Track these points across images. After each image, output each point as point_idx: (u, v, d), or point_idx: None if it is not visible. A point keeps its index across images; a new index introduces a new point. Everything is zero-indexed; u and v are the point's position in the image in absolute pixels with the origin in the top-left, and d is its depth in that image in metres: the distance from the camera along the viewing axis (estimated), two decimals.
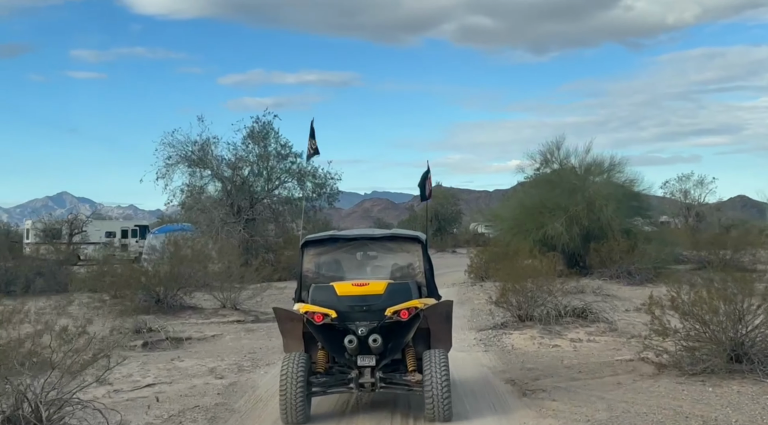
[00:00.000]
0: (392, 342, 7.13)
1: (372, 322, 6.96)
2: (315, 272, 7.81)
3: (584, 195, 24.18)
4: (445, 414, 6.85)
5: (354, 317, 7.01)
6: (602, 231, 23.44)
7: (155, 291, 15.35)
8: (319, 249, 7.96)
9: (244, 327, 14.03)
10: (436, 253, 45.78)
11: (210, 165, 27.58)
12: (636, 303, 17.37)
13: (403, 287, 7.28)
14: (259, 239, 26.82)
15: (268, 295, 18.85)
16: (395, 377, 7.18)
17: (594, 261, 23.20)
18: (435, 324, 7.44)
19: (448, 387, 6.87)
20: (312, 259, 7.90)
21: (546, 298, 13.20)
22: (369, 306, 7.02)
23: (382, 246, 8.06)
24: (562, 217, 23.50)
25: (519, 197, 26.95)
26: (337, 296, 7.08)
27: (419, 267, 7.86)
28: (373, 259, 8.11)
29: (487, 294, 19.21)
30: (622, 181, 24.52)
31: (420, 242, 8.00)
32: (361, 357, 7.05)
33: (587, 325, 12.84)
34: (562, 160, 24.99)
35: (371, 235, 8.16)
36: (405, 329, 7.13)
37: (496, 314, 14.36)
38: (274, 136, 28.46)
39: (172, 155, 27.58)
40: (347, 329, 6.98)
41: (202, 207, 27.14)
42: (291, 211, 28.93)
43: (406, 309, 7.02)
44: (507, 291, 13.40)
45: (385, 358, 7.14)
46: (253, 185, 28.30)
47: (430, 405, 6.84)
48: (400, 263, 7.92)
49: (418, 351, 7.36)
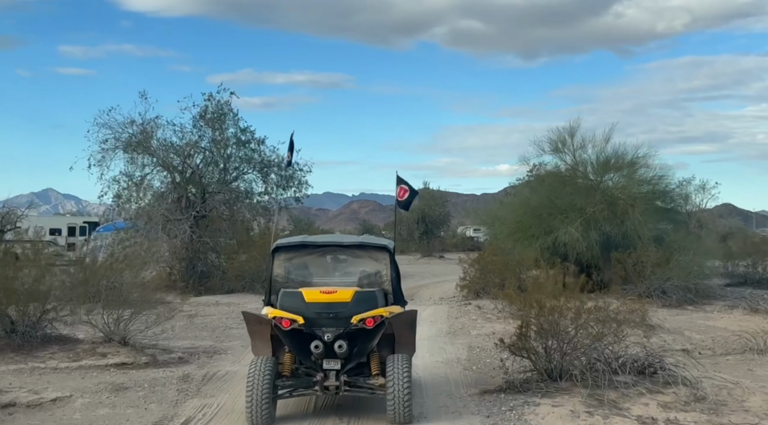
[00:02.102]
0: (357, 347, 7.18)
1: (338, 329, 7.02)
2: (284, 277, 7.85)
3: (604, 193, 19.23)
4: (405, 416, 6.90)
5: (321, 323, 7.05)
6: (627, 238, 18.50)
7: (5, 315, 10.20)
8: (289, 254, 7.99)
9: (119, 381, 8.81)
10: (423, 259, 40.69)
11: (153, 151, 22.42)
12: (692, 337, 12.45)
13: (369, 295, 7.32)
14: (208, 241, 21.66)
15: (199, 318, 13.77)
16: (359, 380, 7.21)
17: (616, 276, 18.25)
18: (399, 330, 7.46)
19: (410, 390, 6.92)
20: (282, 264, 7.92)
21: (586, 342, 8.20)
22: (336, 314, 7.06)
23: (351, 254, 8.17)
24: (577, 220, 18.53)
25: (523, 195, 21.98)
26: (305, 303, 7.10)
27: (386, 275, 7.94)
28: (342, 266, 8.18)
29: (485, 317, 14.20)
30: (649, 176, 19.58)
31: (388, 251, 8.04)
32: (326, 360, 7.10)
33: (658, 390, 7.83)
34: (577, 151, 20.03)
35: (341, 242, 8.33)
36: (370, 336, 7.18)
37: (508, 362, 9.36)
38: (232, 118, 23.37)
39: (108, 138, 22.46)
40: (314, 334, 7.01)
41: (138, 200, 22.00)
42: (250, 207, 23.84)
43: (371, 317, 7.07)
44: (527, 330, 8.35)
45: (350, 363, 7.18)
46: (206, 176, 23.17)
47: (392, 408, 6.89)
48: (368, 270, 8.00)
49: (383, 355, 7.36)
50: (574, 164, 20.05)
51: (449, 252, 47.61)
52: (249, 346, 9.82)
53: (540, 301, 8.51)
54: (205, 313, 14.53)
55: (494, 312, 14.26)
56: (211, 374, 9.05)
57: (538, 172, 34.58)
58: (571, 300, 8.31)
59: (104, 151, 22.34)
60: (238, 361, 10.11)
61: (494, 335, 12.22)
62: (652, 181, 19.80)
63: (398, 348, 7.42)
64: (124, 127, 22.28)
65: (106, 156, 22.39)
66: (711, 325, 13.85)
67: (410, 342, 7.62)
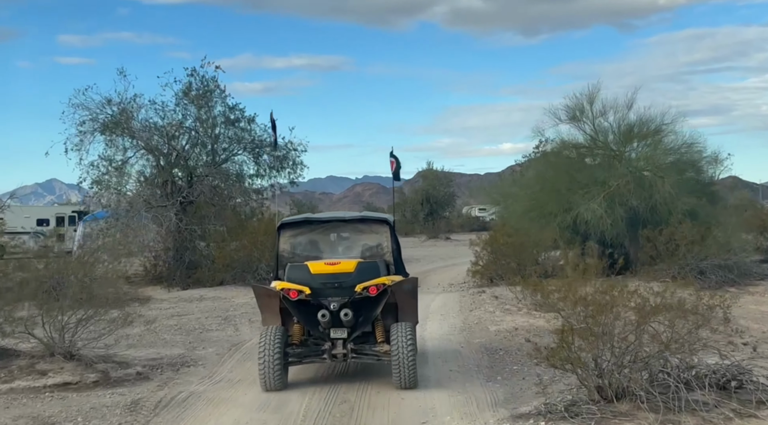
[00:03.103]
0: (362, 316, 7.40)
1: (343, 298, 7.24)
2: (290, 252, 8.06)
3: (629, 165, 17.17)
4: (410, 381, 7.17)
5: (326, 293, 7.26)
6: (655, 213, 16.46)
7: None
8: (294, 231, 8.22)
9: (47, 412, 6.77)
10: (429, 241, 38.71)
11: (134, 132, 20.37)
12: (750, 327, 10.44)
13: (371, 265, 7.54)
14: (195, 228, 19.66)
15: (174, 319, 11.85)
16: (365, 348, 7.44)
17: (644, 256, 16.23)
18: (402, 299, 7.60)
19: (414, 356, 7.15)
20: (287, 240, 8.14)
21: (649, 350, 6.20)
22: (340, 284, 7.28)
23: (352, 228, 8.37)
24: (600, 195, 16.48)
25: (538, 169, 19.89)
26: (311, 274, 7.32)
27: (387, 247, 8.12)
28: (345, 240, 8.36)
29: (503, 309, 12.22)
30: (678, 145, 17.49)
31: (388, 224, 8.28)
32: (333, 330, 7.32)
33: (750, 413, 5.82)
34: (596, 119, 17.90)
35: (342, 217, 8.54)
36: (374, 304, 7.40)
37: (546, 376, 7.40)
38: (219, 95, 21.26)
39: (86, 120, 20.40)
40: (320, 304, 7.24)
41: (119, 186, 20.00)
42: (242, 191, 21.82)
43: (374, 285, 7.29)
44: (571, 335, 6.33)
45: (355, 331, 7.41)
46: (192, 158, 21.13)
47: (397, 373, 7.14)
48: (369, 243, 8.19)
49: (387, 324, 7.54)
50: (593, 134, 17.95)
51: (455, 233, 45.60)
52: (224, 356, 7.87)
53: (585, 297, 6.51)
54: (183, 312, 12.58)
55: (514, 303, 12.30)
56: (169, 398, 7.10)
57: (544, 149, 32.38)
58: (629, 294, 6.29)
59: (82, 134, 20.30)
60: (208, 377, 8.15)
61: (517, 331, 10.27)
62: (680, 149, 17.72)
63: (401, 316, 7.59)
64: (102, 107, 20.24)
65: (84, 139, 20.34)
66: (766, 311, 11.86)
67: (413, 310, 7.79)
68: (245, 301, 14.10)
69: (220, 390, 7.55)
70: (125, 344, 9.48)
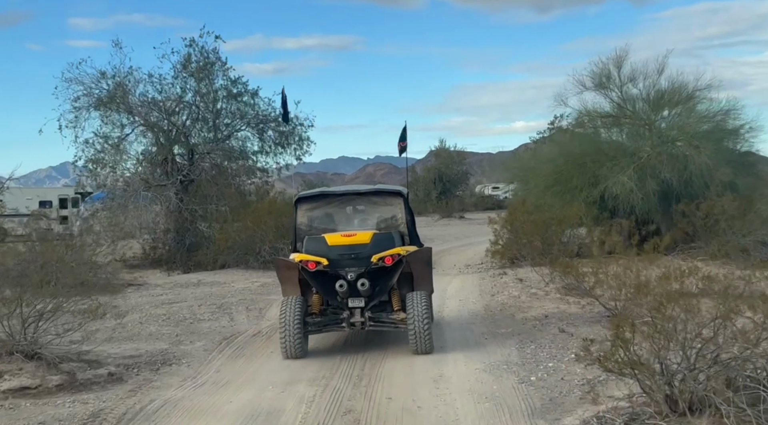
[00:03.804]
0: (378, 285, 7.55)
1: (360, 268, 7.40)
2: (308, 225, 8.16)
3: (661, 134, 15.71)
4: (426, 346, 7.31)
5: (344, 264, 7.43)
6: (690, 187, 15.02)
7: None
8: (311, 204, 8.32)
9: None
10: (442, 221, 37.37)
11: (131, 108, 19.10)
12: None
13: (386, 236, 7.68)
14: (196, 208, 18.41)
15: (164, 307, 10.69)
16: (382, 316, 7.63)
17: (679, 233, 14.80)
18: (417, 268, 7.77)
19: (429, 323, 7.36)
20: (305, 214, 8.24)
21: (733, 351, 4.87)
22: (357, 254, 7.44)
23: (367, 201, 8.48)
24: (630, 167, 15.05)
25: (562, 141, 18.43)
26: (328, 246, 7.50)
27: (402, 218, 8.22)
28: (360, 212, 8.50)
29: (529, 293, 10.93)
30: (713, 112, 15.96)
31: (402, 196, 8.39)
32: (351, 299, 7.50)
33: None
34: (625, 85, 16.39)
35: (357, 191, 8.74)
36: (389, 273, 7.55)
37: (588, 373, 6.10)
38: (220, 68, 19.90)
39: (81, 95, 19.16)
40: (338, 275, 7.41)
41: (116, 164, 18.78)
42: (246, 169, 20.52)
43: (390, 255, 7.44)
44: (632, 332, 4.98)
45: (372, 300, 7.57)
46: (193, 134, 19.86)
47: (413, 340, 7.29)
48: (384, 215, 8.28)
49: (403, 293, 7.70)
50: (621, 101, 16.46)
51: (469, 212, 44.14)
52: (213, 351, 6.67)
53: (646, 283, 5.19)
54: (175, 299, 11.32)
55: (541, 286, 10.97)
56: (138, 408, 5.85)
57: (560, 124, 30.60)
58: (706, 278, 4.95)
59: (77, 111, 19.10)
60: (191, 378, 6.91)
61: (547, 319, 8.98)
62: (715, 117, 16.19)
63: (417, 285, 7.73)
64: (97, 81, 18.98)
65: (79, 116, 19.13)
66: None
67: (428, 279, 7.94)
68: (245, 286, 12.87)
69: (202, 395, 6.30)
70: (102, 337, 8.25)
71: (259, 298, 11.30)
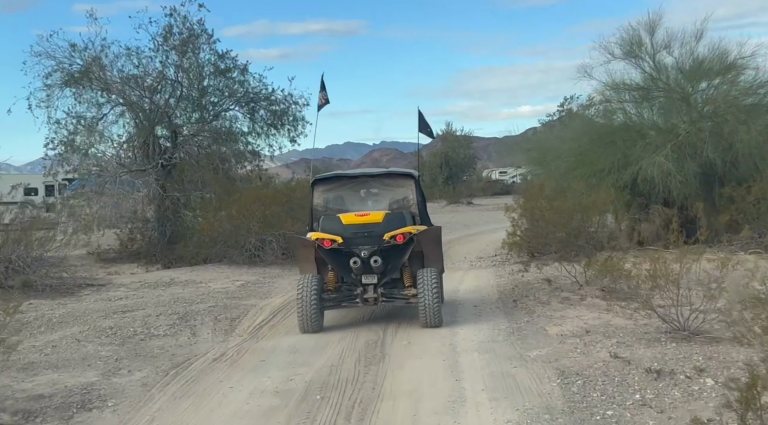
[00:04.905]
0: (391, 262, 7.81)
1: (373, 246, 7.66)
2: (323, 206, 8.45)
3: (701, 109, 13.60)
4: (435, 320, 7.59)
5: (357, 242, 7.69)
6: (736, 168, 12.96)
7: None
8: (326, 186, 8.58)
9: None
10: (449, 207, 35.34)
11: (108, 85, 17.07)
12: None
13: (398, 216, 7.97)
14: (178, 195, 16.41)
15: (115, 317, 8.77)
16: (394, 292, 7.90)
17: (722, 220, 12.74)
18: (427, 247, 8.05)
19: (438, 299, 7.64)
20: (321, 195, 8.51)
21: None
22: (370, 233, 7.71)
23: (380, 182, 8.80)
24: (667, 146, 12.95)
25: (586, 118, 16.28)
26: (343, 225, 7.78)
27: (413, 199, 8.51)
28: (373, 194, 8.75)
29: (560, 297, 8.93)
30: (762, 83, 13.81)
31: (413, 178, 8.68)
32: (365, 276, 7.76)
33: None
34: (658, 53, 14.25)
35: (370, 173, 9.03)
36: (401, 251, 7.81)
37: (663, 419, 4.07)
38: (206, 41, 17.84)
39: (53, 72, 17.16)
40: (352, 252, 7.67)
41: (90, 147, 16.81)
42: (235, 152, 18.49)
43: (401, 234, 7.69)
44: None
45: (385, 277, 7.84)
46: (177, 114, 17.83)
47: (423, 314, 7.57)
48: (396, 196, 8.56)
49: (414, 270, 7.96)
50: (653, 72, 14.32)
51: (476, 197, 42.08)
52: (154, 387, 4.66)
53: None
54: (133, 305, 9.25)
55: (574, 289, 8.95)
56: None
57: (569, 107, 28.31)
58: None
59: (48, 88, 17.13)
60: None
61: (589, 336, 6.96)
62: (760, 89, 14.04)
63: (427, 262, 8.02)
64: (69, 56, 16.97)
65: (51, 94, 17.17)
66: None
67: (438, 257, 8.29)
68: (222, 287, 10.90)
69: None
70: (22, 361, 6.28)
71: (234, 304, 9.31)
